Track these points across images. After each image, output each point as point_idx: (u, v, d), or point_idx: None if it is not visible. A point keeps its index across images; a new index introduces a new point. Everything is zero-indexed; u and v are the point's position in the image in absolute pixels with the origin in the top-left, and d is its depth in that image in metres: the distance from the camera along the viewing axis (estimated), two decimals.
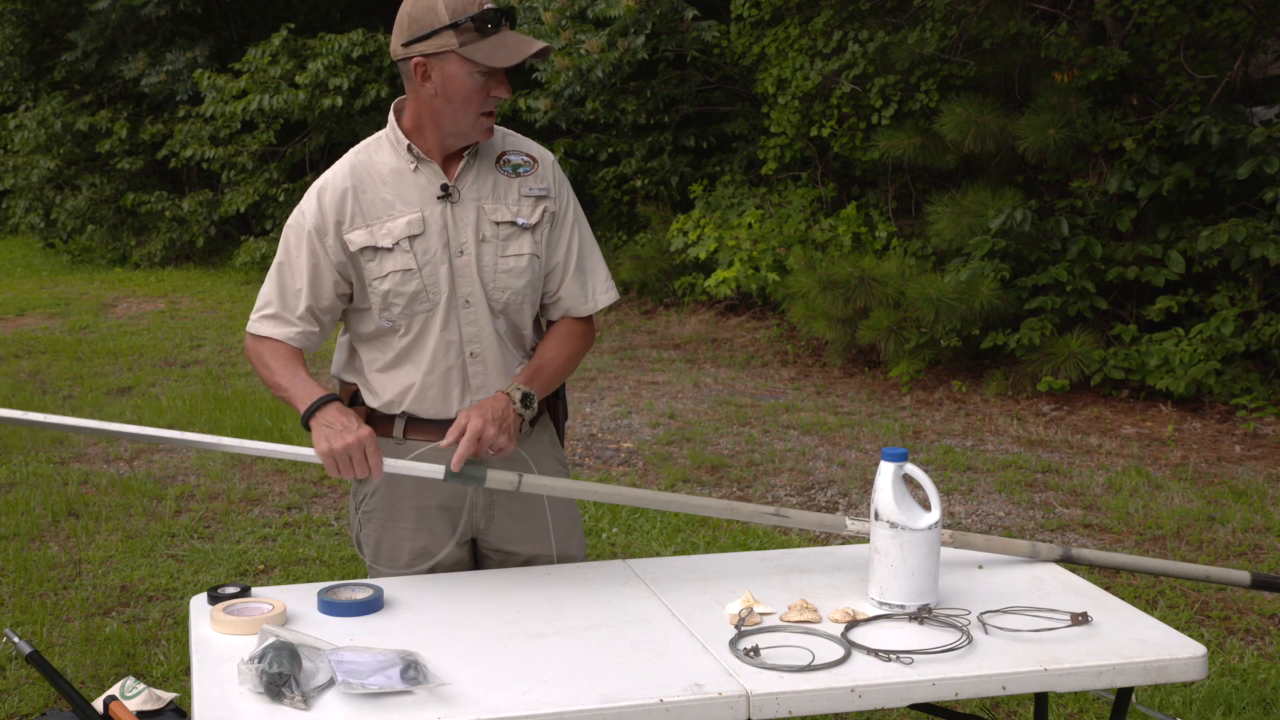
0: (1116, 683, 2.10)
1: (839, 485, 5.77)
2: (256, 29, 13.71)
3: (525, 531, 2.62)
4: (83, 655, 3.93)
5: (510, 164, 2.52)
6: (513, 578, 2.50)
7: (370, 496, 2.62)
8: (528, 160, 2.54)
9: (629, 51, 9.36)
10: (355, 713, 1.88)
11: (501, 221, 2.48)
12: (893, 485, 2.25)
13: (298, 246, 2.48)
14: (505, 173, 2.51)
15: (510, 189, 2.50)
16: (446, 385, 2.50)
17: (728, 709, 1.93)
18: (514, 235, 2.49)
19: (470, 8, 2.35)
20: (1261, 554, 4.82)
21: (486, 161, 2.50)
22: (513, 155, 2.53)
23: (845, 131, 8.62)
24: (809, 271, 7.87)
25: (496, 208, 2.48)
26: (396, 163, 2.47)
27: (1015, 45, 7.59)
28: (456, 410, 2.50)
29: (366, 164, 2.49)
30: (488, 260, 2.47)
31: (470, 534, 2.62)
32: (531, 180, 2.52)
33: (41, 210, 14.71)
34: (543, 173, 2.54)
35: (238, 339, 9.56)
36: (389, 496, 2.59)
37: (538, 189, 2.52)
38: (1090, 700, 3.48)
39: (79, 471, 6.00)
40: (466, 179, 2.48)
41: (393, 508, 2.60)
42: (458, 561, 2.62)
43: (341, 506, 5.49)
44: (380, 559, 2.64)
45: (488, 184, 2.49)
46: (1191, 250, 6.99)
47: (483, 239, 2.47)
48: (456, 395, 2.51)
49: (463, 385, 2.51)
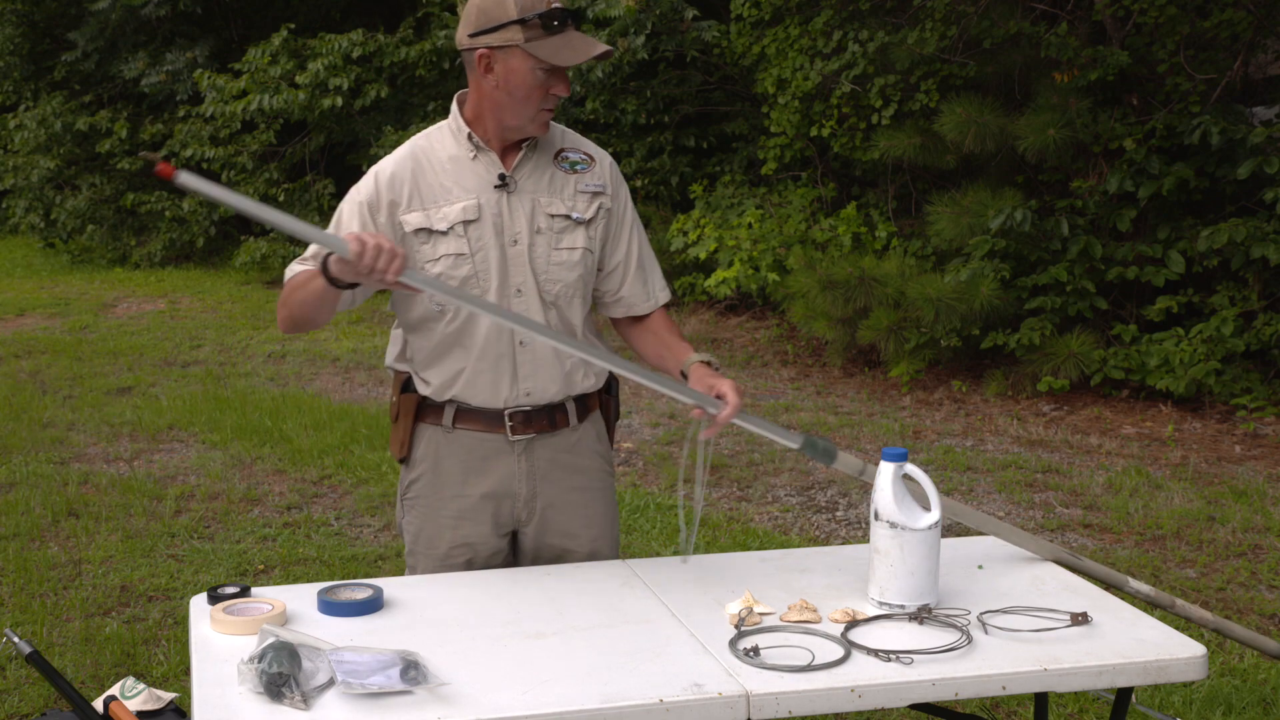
0: (1116, 683, 2.10)
1: (839, 485, 5.77)
2: (256, 29, 13.69)
3: (566, 526, 2.64)
4: (83, 655, 3.93)
5: (568, 160, 2.56)
6: (513, 578, 2.50)
7: (415, 483, 2.65)
8: (586, 158, 2.58)
9: (629, 51, 9.36)
10: (355, 713, 1.88)
11: (556, 214, 2.52)
12: (893, 485, 2.25)
13: (350, 216, 2.50)
14: (563, 169, 2.55)
15: (567, 184, 2.55)
16: (497, 373, 2.52)
17: (728, 709, 1.94)
18: (568, 229, 2.53)
19: (539, 5, 2.39)
20: (1261, 554, 4.82)
21: (545, 156, 2.55)
22: (571, 152, 2.58)
23: (845, 131, 8.61)
24: (809, 271, 7.87)
25: (552, 201, 2.52)
26: (456, 150, 2.52)
27: (1015, 45, 7.59)
28: (505, 399, 2.53)
29: (426, 149, 2.54)
30: (540, 251, 2.51)
31: (512, 525, 2.64)
32: (589, 177, 2.57)
33: (41, 210, 14.69)
34: (600, 171, 2.59)
35: (238, 339, 9.56)
36: (433, 484, 2.62)
37: (594, 185, 2.56)
38: (1090, 700, 3.48)
39: (79, 471, 6.00)
40: (524, 170, 2.52)
41: (436, 495, 2.62)
42: (496, 552, 2.64)
43: (341, 507, 5.50)
44: (419, 546, 2.66)
45: (545, 178, 2.53)
46: (1191, 250, 6.99)
47: (537, 230, 2.51)
48: (506, 383, 2.53)
49: (512, 374, 2.53)
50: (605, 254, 2.61)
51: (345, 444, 6.38)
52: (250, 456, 6.26)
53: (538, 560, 2.66)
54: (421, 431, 2.62)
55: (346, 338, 9.51)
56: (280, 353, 9.04)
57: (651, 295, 2.66)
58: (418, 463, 2.63)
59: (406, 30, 12.16)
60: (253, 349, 9.20)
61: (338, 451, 6.26)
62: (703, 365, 2.45)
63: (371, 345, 9.10)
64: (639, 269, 2.64)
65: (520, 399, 2.54)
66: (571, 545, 2.65)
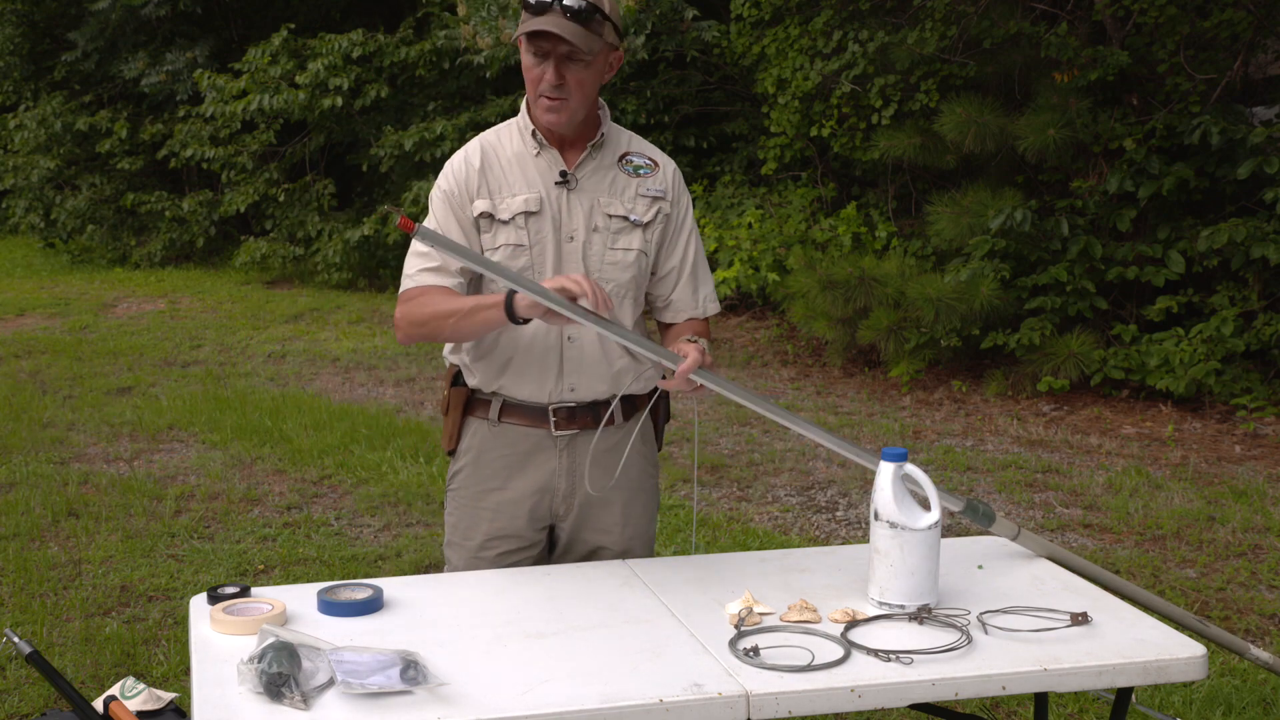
0: (1116, 683, 2.10)
1: (839, 485, 5.77)
2: (256, 29, 13.69)
3: (603, 523, 2.67)
4: (83, 655, 3.92)
5: (632, 164, 2.60)
6: (513, 578, 2.50)
7: (458, 474, 2.68)
8: (650, 163, 2.62)
9: (629, 51, 9.36)
10: (355, 713, 1.88)
11: (614, 215, 2.55)
12: (893, 485, 2.25)
13: (444, 211, 2.55)
14: (626, 171, 2.59)
15: (628, 187, 2.58)
16: (543, 367, 2.55)
17: (728, 709, 1.93)
18: (625, 230, 2.56)
19: None
20: (1261, 554, 4.82)
21: (609, 157, 2.58)
22: (635, 156, 2.61)
23: (845, 131, 8.62)
24: (809, 271, 7.87)
25: (611, 201, 2.55)
26: (521, 147, 2.56)
27: (1015, 45, 7.59)
28: (550, 394, 2.56)
29: (494, 144, 2.58)
30: (595, 250, 2.54)
31: (549, 520, 2.66)
32: (650, 181, 2.60)
33: (41, 210, 14.69)
34: (662, 176, 2.62)
35: (238, 339, 9.56)
36: (475, 476, 2.64)
37: (655, 190, 2.59)
38: (1090, 700, 3.48)
39: (79, 471, 6.00)
40: (586, 170, 2.56)
41: (479, 487, 2.64)
42: (532, 545, 2.66)
43: (341, 507, 5.50)
44: (456, 536, 2.69)
45: (606, 178, 2.57)
46: (1191, 250, 6.99)
47: (594, 228, 2.54)
48: (552, 379, 2.56)
49: (558, 370, 2.55)
50: (660, 259, 2.64)
51: (345, 444, 6.39)
52: (250, 456, 6.26)
53: (570, 554, 2.69)
54: (469, 424, 2.65)
55: (346, 338, 9.51)
56: (280, 353, 9.04)
57: (700, 305, 2.69)
58: (462, 454, 2.67)
59: (406, 30, 12.16)
60: (253, 349, 9.20)
61: (338, 451, 6.27)
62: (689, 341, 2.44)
63: (371, 345, 9.11)
64: (691, 277, 2.67)
65: (565, 394, 2.57)
66: (606, 542, 2.67)
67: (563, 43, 2.40)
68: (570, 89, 2.44)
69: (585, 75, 2.45)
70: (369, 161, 11.88)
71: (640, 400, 2.66)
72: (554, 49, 2.41)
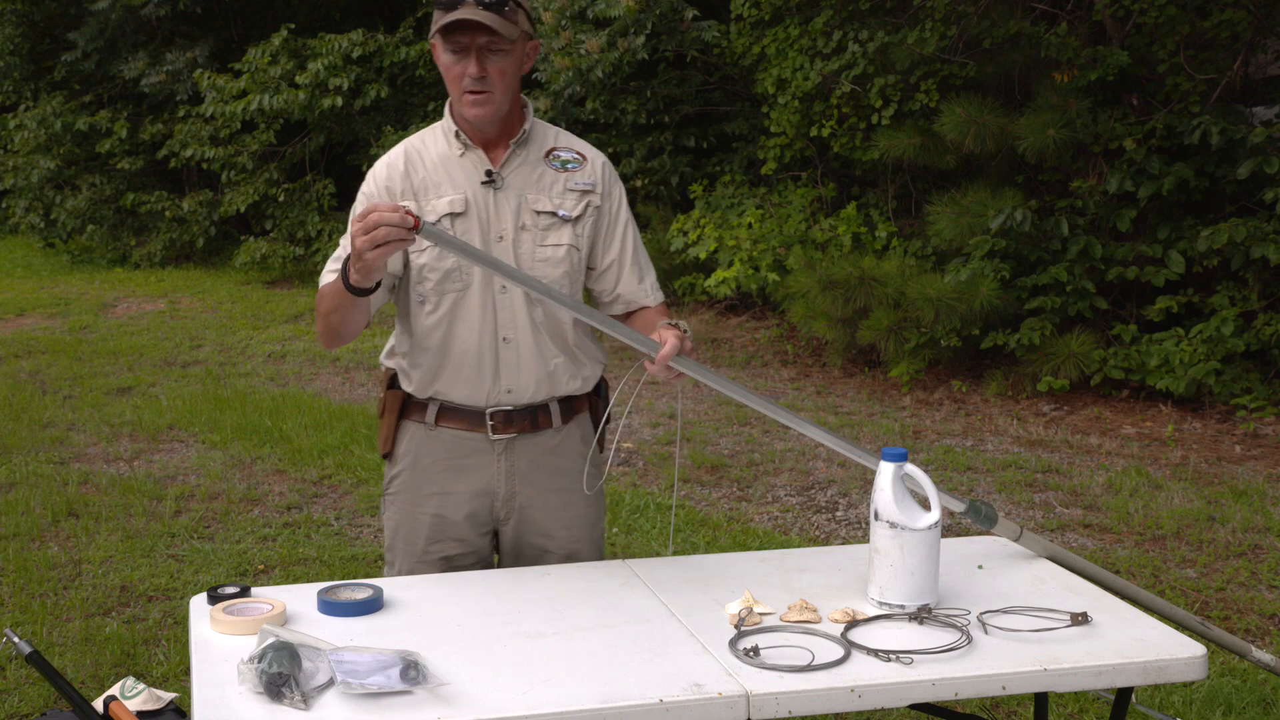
0: (1116, 683, 2.10)
1: (839, 485, 5.77)
2: (256, 29, 13.69)
3: (545, 527, 2.65)
4: (83, 655, 3.92)
5: (560, 159, 2.58)
6: (513, 578, 2.50)
7: (396, 479, 2.66)
8: (577, 157, 2.60)
9: (629, 51, 9.35)
10: (355, 713, 1.88)
11: (542, 211, 2.54)
12: (893, 485, 2.25)
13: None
14: (554, 167, 2.57)
15: (556, 182, 2.56)
16: (479, 368, 2.53)
17: (728, 709, 1.93)
18: (554, 226, 2.54)
19: None
20: (1261, 554, 4.82)
21: (535, 153, 2.57)
22: (563, 151, 2.60)
23: (845, 131, 8.61)
24: (809, 271, 7.87)
25: (539, 198, 2.54)
26: (446, 149, 2.55)
27: (1015, 45, 7.59)
28: (486, 396, 2.54)
29: (418, 148, 2.58)
30: (525, 248, 2.52)
31: (491, 524, 2.65)
32: (579, 175, 2.58)
33: (41, 210, 14.69)
34: (591, 170, 2.60)
35: (238, 339, 9.56)
36: (413, 479, 2.63)
37: (584, 184, 2.58)
38: (1090, 700, 3.48)
39: (79, 471, 6.00)
40: (511, 167, 2.54)
41: (417, 491, 2.63)
42: (475, 550, 2.65)
43: (341, 507, 5.50)
44: (398, 542, 2.66)
45: (533, 175, 2.55)
46: (1191, 250, 6.99)
47: (522, 226, 2.52)
48: (488, 380, 2.54)
49: (494, 371, 2.54)
50: (597, 253, 2.62)
51: (345, 444, 6.38)
52: (250, 456, 6.26)
53: (518, 560, 2.66)
54: (405, 428, 2.64)
55: None
56: (280, 353, 9.04)
57: (649, 293, 2.67)
58: (399, 459, 2.65)
59: (406, 30, 12.16)
60: (253, 349, 9.20)
61: (338, 451, 6.26)
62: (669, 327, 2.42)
63: (371, 345, 9.11)
64: (634, 267, 2.65)
65: (501, 396, 2.55)
66: (549, 546, 2.65)
67: (481, 32, 2.40)
68: (493, 80, 2.44)
69: (506, 64, 2.45)
70: (369, 161, 11.85)
71: (578, 401, 2.65)
72: (472, 41, 2.41)
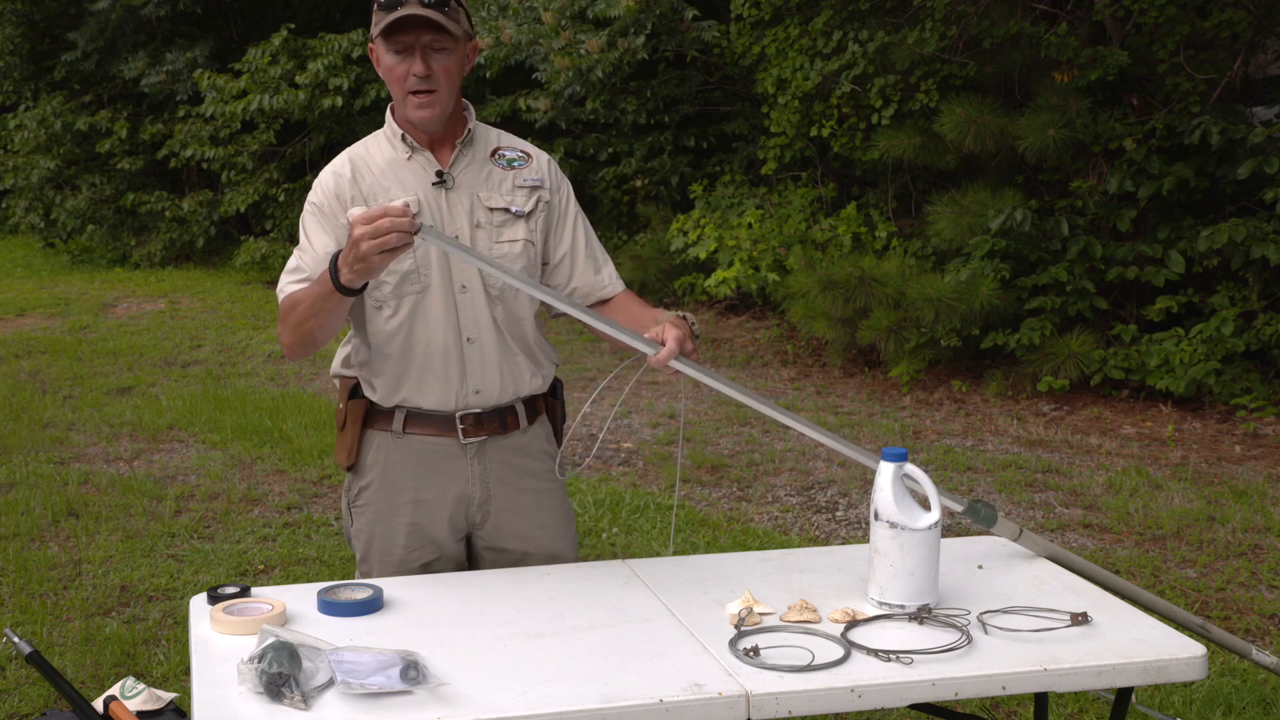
0: (1116, 683, 2.10)
1: (839, 485, 5.77)
2: (256, 29, 13.69)
3: (520, 529, 2.64)
4: (83, 655, 3.92)
5: (505, 158, 2.59)
6: (513, 578, 2.50)
7: (365, 490, 2.63)
8: (522, 155, 2.61)
9: (629, 51, 9.35)
10: (355, 713, 1.88)
11: (495, 208, 2.54)
12: (893, 485, 2.25)
13: (315, 226, 2.53)
14: (500, 165, 2.58)
15: (505, 180, 2.57)
16: (446, 370, 2.51)
17: (728, 709, 1.93)
18: (508, 222, 2.54)
19: None
20: (1261, 554, 4.82)
21: (481, 154, 2.57)
22: (507, 150, 2.61)
23: (845, 131, 8.61)
24: (809, 271, 7.87)
25: (491, 195, 2.54)
26: (392, 154, 2.54)
27: (1015, 45, 7.59)
28: (455, 398, 2.52)
29: (363, 156, 2.57)
30: (481, 246, 2.51)
31: (466, 529, 2.64)
32: (526, 172, 2.59)
33: (41, 210, 14.69)
34: (537, 166, 2.61)
35: (238, 339, 9.56)
36: (384, 489, 2.60)
37: (532, 180, 2.59)
38: (1090, 700, 3.48)
39: (79, 471, 6.00)
40: (460, 167, 2.54)
41: (388, 501, 2.60)
42: (454, 557, 2.63)
43: (341, 507, 5.49)
44: (371, 554, 2.63)
45: (482, 174, 2.55)
46: (1191, 250, 6.99)
47: (476, 224, 2.52)
48: (456, 381, 2.52)
49: (461, 372, 2.52)
50: (550, 247, 2.62)
51: None
52: (250, 456, 6.26)
53: (497, 563, 2.65)
54: (370, 438, 2.61)
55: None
56: (280, 353, 9.02)
57: (608, 283, 2.66)
58: (367, 469, 2.62)
59: None
60: (253, 349, 9.20)
61: None
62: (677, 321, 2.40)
63: None
64: (588, 259, 2.64)
65: (470, 398, 2.54)
66: (528, 548, 2.64)
67: (425, 31, 2.39)
68: (438, 79, 2.43)
69: (450, 63, 2.44)
70: None
71: (539, 401, 2.65)
72: (416, 40, 2.40)
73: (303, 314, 2.40)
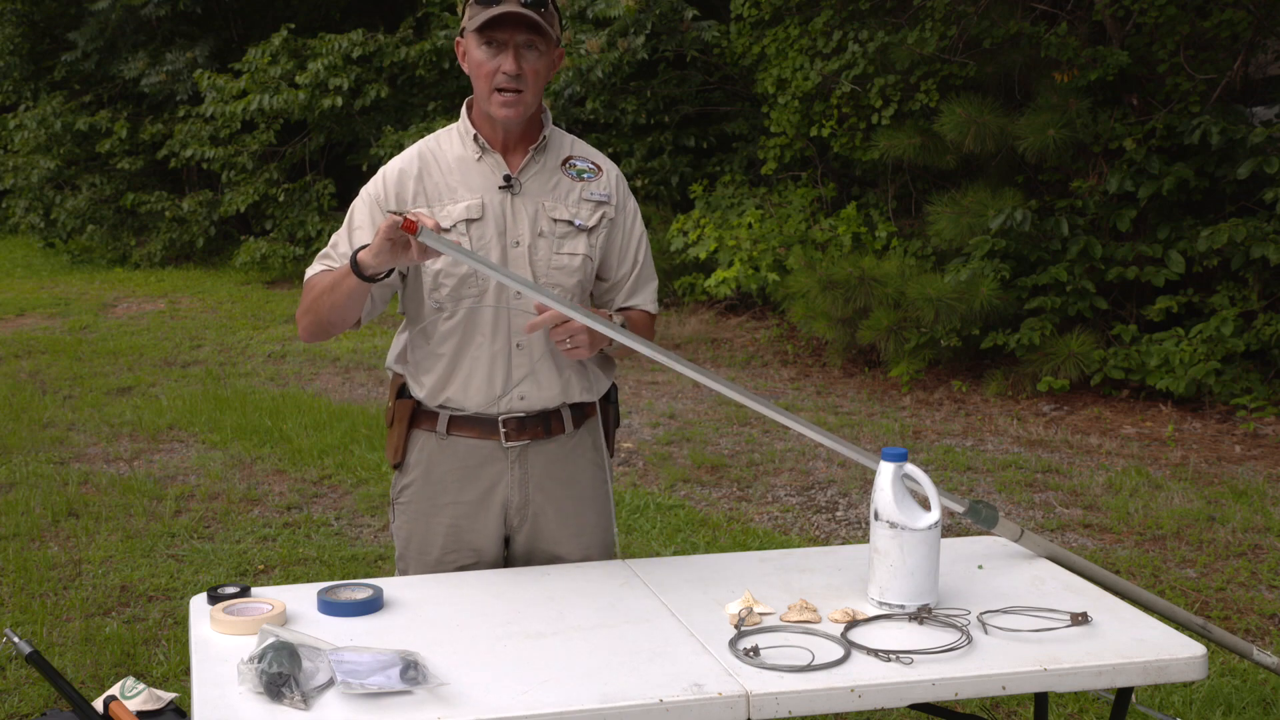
0: (1116, 683, 2.10)
1: (839, 485, 5.77)
2: (256, 29, 13.70)
3: (557, 534, 2.63)
4: (83, 655, 3.92)
5: (575, 168, 2.58)
6: (513, 578, 2.50)
7: (408, 488, 2.64)
8: (593, 167, 2.60)
9: (629, 51, 9.36)
10: (355, 713, 1.88)
11: (559, 219, 2.53)
12: (893, 485, 2.25)
13: (361, 212, 2.53)
14: (569, 175, 2.57)
15: (572, 191, 2.56)
16: (491, 373, 2.52)
17: (728, 709, 1.93)
18: (570, 235, 2.54)
19: None
20: (1261, 554, 4.82)
21: (552, 161, 2.56)
22: (578, 160, 2.60)
23: (845, 131, 8.61)
24: (809, 271, 7.87)
25: (556, 205, 2.53)
26: (463, 151, 2.54)
27: (1015, 45, 7.59)
28: (499, 403, 2.53)
29: (434, 150, 2.56)
30: (541, 255, 2.51)
31: (504, 532, 2.64)
32: (594, 186, 2.58)
33: (41, 210, 14.69)
34: (606, 181, 2.60)
35: (238, 339, 9.56)
36: (426, 489, 2.61)
37: (599, 195, 2.58)
38: (1090, 700, 3.48)
39: (79, 471, 6.00)
40: (529, 173, 2.53)
41: (430, 501, 2.61)
42: (492, 562, 2.63)
43: (341, 507, 5.50)
44: (410, 551, 2.65)
45: (550, 182, 2.55)
46: (1191, 250, 6.99)
47: (539, 233, 2.51)
48: (500, 385, 2.52)
49: (506, 376, 2.52)
50: (610, 265, 2.62)
51: (345, 444, 6.38)
52: (250, 456, 6.26)
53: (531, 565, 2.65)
54: (415, 438, 2.61)
55: (346, 338, 9.51)
56: (280, 353, 9.04)
57: (643, 306, 2.69)
58: (411, 468, 2.63)
59: (406, 30, 12.15)
60: (253, 349, 9.20)
61: (338, 451, 6.26)
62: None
63: (371, 345, 9.10)
64: (637, 281, 2.67)
65: (514, 403, 2.54)
66: (562, 553, 2.64)
67: (522, 29, 2.39)
68: (527, 80, 2.42)
69: (540, 66, 2.44)
70: (369, 161, 11.88)
71: (589, 406, 2.64)
72: (511, 38, 2.40)
73: (316, 294, 2.44)
